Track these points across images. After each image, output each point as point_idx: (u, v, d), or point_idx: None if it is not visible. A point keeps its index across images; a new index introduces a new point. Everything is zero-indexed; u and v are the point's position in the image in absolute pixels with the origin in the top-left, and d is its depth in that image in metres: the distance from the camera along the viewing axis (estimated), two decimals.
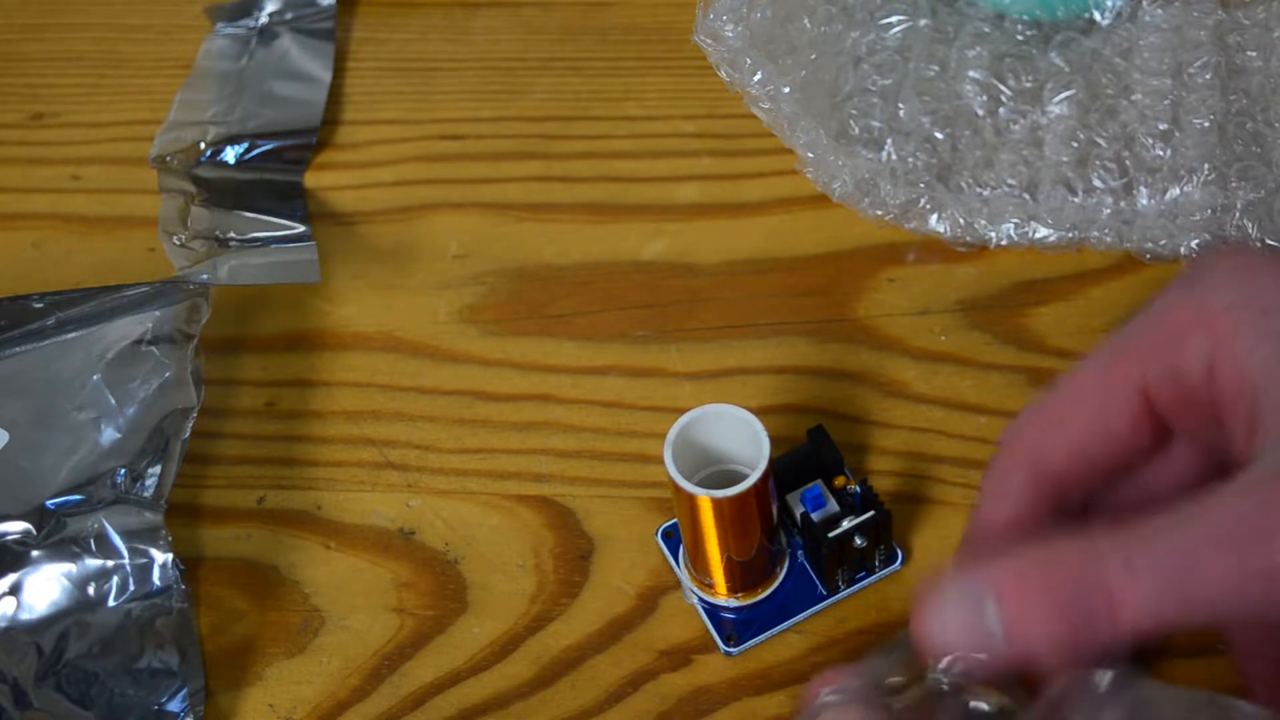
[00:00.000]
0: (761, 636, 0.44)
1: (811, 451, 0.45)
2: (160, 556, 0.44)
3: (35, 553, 0.44)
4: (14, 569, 0.44)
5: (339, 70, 0.60)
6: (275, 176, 0.55)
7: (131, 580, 0.44)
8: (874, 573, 0.44)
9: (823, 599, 0.44)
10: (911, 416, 0.48)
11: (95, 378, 0.46)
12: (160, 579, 0.44)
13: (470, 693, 0.44)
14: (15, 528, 0.44)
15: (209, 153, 0.56)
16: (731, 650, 0.44)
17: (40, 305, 0.48)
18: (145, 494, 0.45)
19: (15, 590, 0.44)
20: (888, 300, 0.51)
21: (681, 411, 0.41)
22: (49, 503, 0.44)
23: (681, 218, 0.54)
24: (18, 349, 0.47)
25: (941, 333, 0.50)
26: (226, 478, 0.49)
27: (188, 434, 0.46)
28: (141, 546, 0.44)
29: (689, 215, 0.54)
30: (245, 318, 0.52)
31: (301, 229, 0.52)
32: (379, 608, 0.46)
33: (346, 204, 0.55)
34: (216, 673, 0.45)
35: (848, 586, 0.44)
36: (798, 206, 0.54)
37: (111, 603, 0.44)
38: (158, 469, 0.45)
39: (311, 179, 0.56)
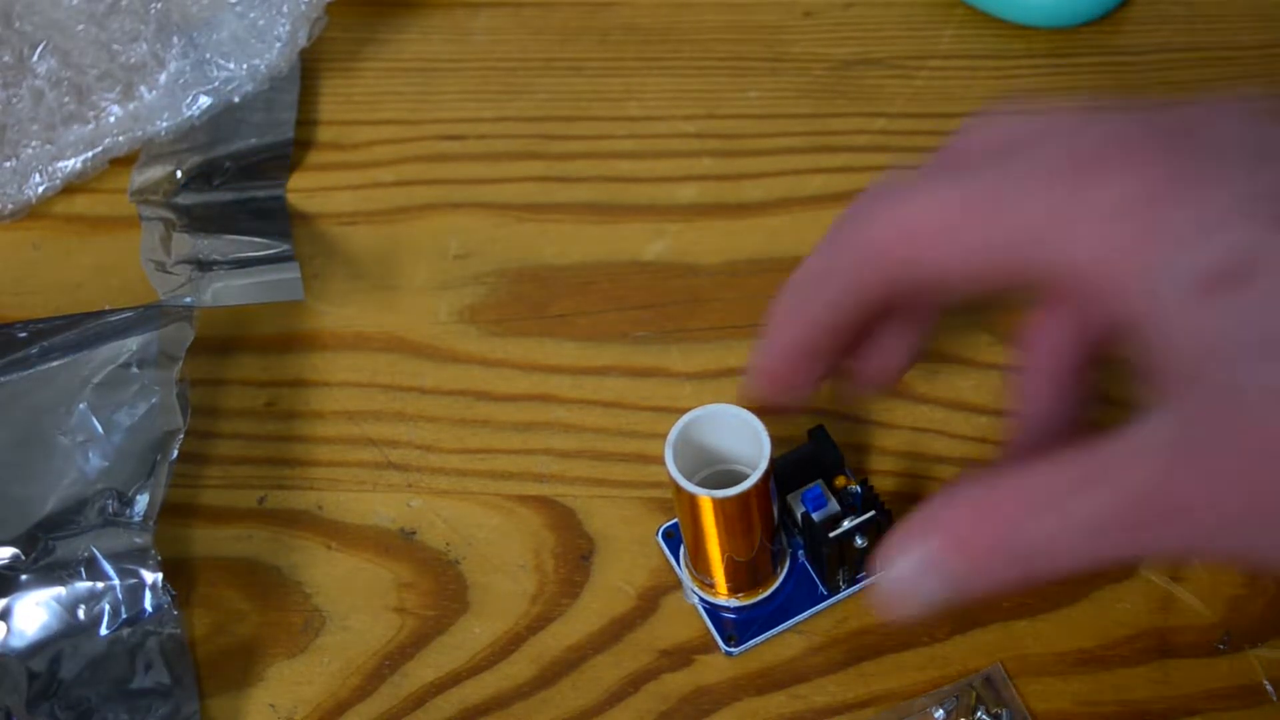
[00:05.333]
0: (762, 636, 0.44)
1: (812, 451, 0.45)
2: (150, 577, 0.44)
3: (24, 577, 0.44)
4: (3, 594, 0.44)
5: (341, 71, 0.60)
6: (257, 193, 0.55)
7: (122, 603, 0.44)
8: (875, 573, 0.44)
9: (823, 599, 0.44)
10: (912, 416, 0.48)
11: (81, 405, 0.46)
12: (151, 601, 0.44)
13: (471, 693, 0.44)
14: (4, 553, 0.44)
15: (186, 181, 0.55)
16: (732, 650, 0.44)
17: (24, 335, 0.48)
18: (134, 518, 0.45)
19: (5, 615, 0.43)
20: None
21: (682, 411, 0.41)
22: (37, 528, 0.44)
23: (682, 218, 0.54)
24: (2, 379, 0.47)
25: (942, 333, 0.50)
26: (227, 478, 0.49)
27: (174, 456, 0.46)
28: (131, 567, 0.44)
29: (689, 215, 0.54)
30: (246, 318, 0.52)
31: (284, 247, 0.52)
32: (380, 608, 0.46)
33: (347, 204, 0.55)
34: (218, 674, 0.45)
35: (849, 586, 0.44)
36: (798, 206, 0.54)
37: (103, 626, 0.44)
38: (146, 493, 0.45)
39: (311, 179, 0.56)
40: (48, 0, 0.54)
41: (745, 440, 0.41)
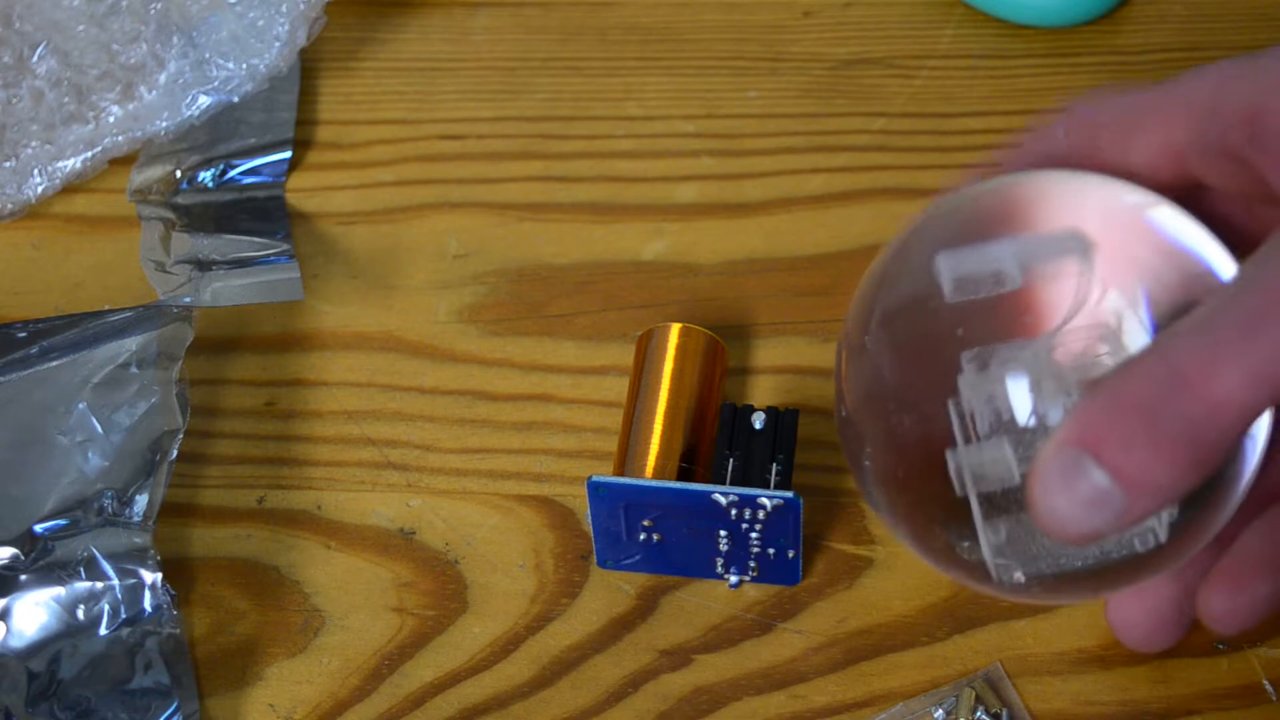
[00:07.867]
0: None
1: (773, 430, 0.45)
2: (149, 577, 0.44)
3: (24, 577, 0.44)
4: (2, 594, 0.44)
5: (340, 70, 0.60)
6: (256, 194, 0.55)
7: (121, 603, 0.44)
8: (766, 488, 0.43)
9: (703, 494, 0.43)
10: None
11: (81, 405, 0.46)
12: (150, 601, 0.44)
13: (470, 693, 0.44)
14: (3, 553, 0.44)
15: (185, 181, 0.55)
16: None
17: (24, 335, 0.48)
18: (134, 518, 0.44)
19: (4, 615, 0.43)
20: None
21: None
22: (36, 528, 0.44)
23: (681, 218, 0.54)
24: (2, 379, 0.47)
25: None
26: (226, 477, 0.49)
27: (174, 455, 0.46)
28: (130, 567, 0.44)
29: (689, 215, 0.54)
30: (245, 317, 0.52)
31: (284, 247, 0.52)
32: (379, 608, 0.46)
33: (347, 204, 0.55)
34: (217, 674, 0.45)
35: (734, 485, 0.43)
36: (798, 206, 0.54)
37: (102, 626, 0.44)
38: (145, 493, 0.45)
39: (311, 179, 0.56)
40: (48, 0, 0.54)
41: None
